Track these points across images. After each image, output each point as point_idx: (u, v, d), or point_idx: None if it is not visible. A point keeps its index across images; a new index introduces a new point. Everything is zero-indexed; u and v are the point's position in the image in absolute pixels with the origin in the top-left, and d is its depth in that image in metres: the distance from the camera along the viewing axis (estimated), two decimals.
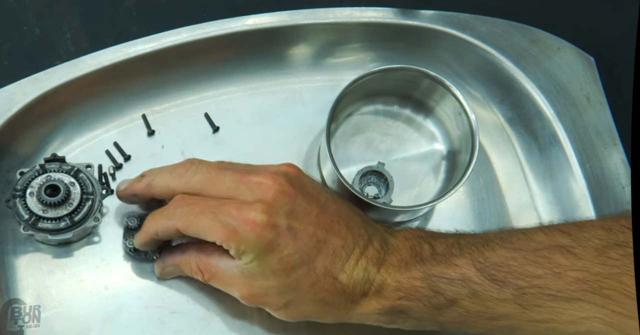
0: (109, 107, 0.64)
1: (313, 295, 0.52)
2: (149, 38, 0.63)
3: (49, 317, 0.59)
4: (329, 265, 0.52)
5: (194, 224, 0.52)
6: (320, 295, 0.52)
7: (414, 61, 0.63)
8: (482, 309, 0.51)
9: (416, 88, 0.64)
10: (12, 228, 0.60)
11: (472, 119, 0.60)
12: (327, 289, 0.52)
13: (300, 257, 0.51)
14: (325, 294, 0.52)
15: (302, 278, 0.52)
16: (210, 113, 0.66)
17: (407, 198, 0.65)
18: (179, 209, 0.53)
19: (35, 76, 0.60)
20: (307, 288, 0.52)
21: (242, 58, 0.66)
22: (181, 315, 0.60)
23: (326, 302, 0.53)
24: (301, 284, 0.52)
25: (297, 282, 0.52)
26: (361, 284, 0.52)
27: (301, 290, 0.52)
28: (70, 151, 0.63)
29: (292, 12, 0.65)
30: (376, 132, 0.66)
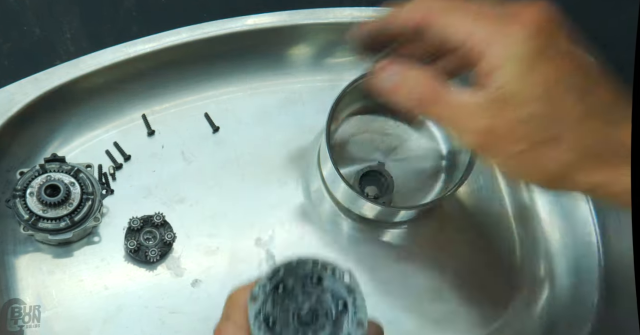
0: (109, 107, 0.64)
1: (580, 138, 0.40)
2: (149, 38, 0.63)
3: (49, 317, 0.59)
4: (601, 108, 0.41)
5: (451, 15, 0.42)
6: (587, 139, 0.40)
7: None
8: None
9: None
10: (12, 228, 0.60)
11: None
12: (599, 131, 0.40)
13: (574, 83, 0.41)
14: (595, 138, 0.40)
15: (572, 107, 0.40)
16: (210, 113, 0.66)
17: (407, 198, 0.65)
18: (440, 3, 0.44)
19: (35, 76, 0.60)
20: (574, 124, 0.40)
21: (242, 58, 0.66)
22: (181, 315, 0.60)
23: (591, 150, 0.40)
24: (570, 116, 0.40)
25: (566, 112, 0.40)
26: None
27: (567, 125, 0.40)
28: (70, 151, 0.63)
29: (292, 12, 0.65)
30: (376, 132, 0.66)
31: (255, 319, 0.41)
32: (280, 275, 0.42)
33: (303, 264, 0.42)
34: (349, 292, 0.41)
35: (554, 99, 0.40)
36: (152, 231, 0.61)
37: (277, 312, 0.42)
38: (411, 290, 0.63)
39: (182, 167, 0.64)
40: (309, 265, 0.42)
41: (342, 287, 0.42)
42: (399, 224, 0.64)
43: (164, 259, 0.61)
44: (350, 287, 0.41)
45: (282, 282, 0.42)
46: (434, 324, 0.62)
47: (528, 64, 0.40)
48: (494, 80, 0.41)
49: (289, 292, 0.42)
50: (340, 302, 0.42)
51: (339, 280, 0.42)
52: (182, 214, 0.62)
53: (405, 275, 0.63)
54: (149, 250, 0.60)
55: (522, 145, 0.41)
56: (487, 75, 0.41)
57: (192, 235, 0.62)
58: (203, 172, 0.64)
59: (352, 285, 0.41)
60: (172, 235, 0.61)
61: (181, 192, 0.63)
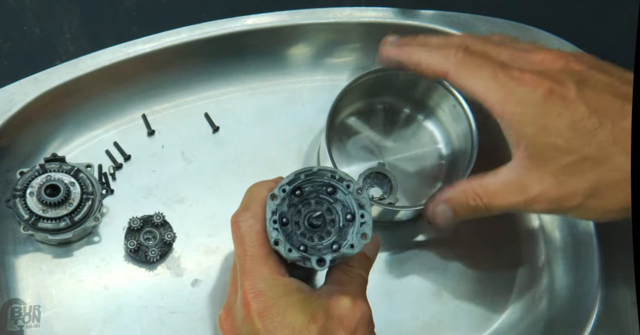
0: (109, 107, 0.64)
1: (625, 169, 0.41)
2: (149, 38, 0.63)
3: (49, 317, 0.59)
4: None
5: (469, 74, 0.45)
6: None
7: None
8: None
9: (416, 88, 0.64)
10: (12, 228, 0.60)
11: (472, 118, 0.60)
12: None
13: (600, 121, 0.41)
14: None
15: (606, 145, 0.41)
16: (210, 113, 0.66)
17: (407, 198, 0.65)
18: (460, 54, 0.47)
19: (35, 76, 0.60)
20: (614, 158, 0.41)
21: (242, 58, 0.66)
22: (181, 315, 0.60)
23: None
24: (606, 154, 0.41)
25: (601, 151, 0.41)
26: None
27: (609, 162, 0.41)
28: (70, 151, 0.63)
29: (292, 12, 0.65)
30: (376, 132, 0.66)
31: (271, 216, 0.45)
32: (300, 180, 0.46)
33: (322, 173, 0.46)
34: (359, 207, 0.45)
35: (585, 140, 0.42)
36: (152, 231, 0.61)
37: (291, 213, 0.46)
38: (411, 290, 0.63)
39: (182, 167, 0.64)
40: (327, 175, 0.46)
41: (353, 201, 0.45)
42: (398, 224, 0.64)
43: (164, 259, 0.61)
44: (361, 202, 0.45)
45: (300, 187, 0.46)
46: (434, 324, 0.62)
47: (543, 121, 0.42)
48: (522, 146, 0.43)
49: (305, 197, 0.46)
50: (350, 214, 0.46)
51: (352, 195, 0.46)
52: (182, 214, 0.62)
53: (405, 275, 0.63)
54: (149, 250, 0.60)
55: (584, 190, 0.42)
56: (516, 143, 0.43)
57: (192, 235, 0.62)
58: (203, 172, 0.64)
59: (363, 202, 0.45)
60: (172, 235, 0.61)
61: (181, 192, 0.63)
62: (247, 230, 0.46)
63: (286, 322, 0.44)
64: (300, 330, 0.43)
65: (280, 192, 0.45)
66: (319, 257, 0.45)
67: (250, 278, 0.45)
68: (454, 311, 0.63)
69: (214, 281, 0.61)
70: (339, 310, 0.45)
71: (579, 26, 0.71)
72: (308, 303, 0.45)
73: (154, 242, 0.61)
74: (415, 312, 0.63)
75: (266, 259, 0.45)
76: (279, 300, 0.44)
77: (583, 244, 0.63)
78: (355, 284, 0.47)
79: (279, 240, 0.45)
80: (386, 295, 0.63)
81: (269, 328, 0.44)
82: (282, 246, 0.44)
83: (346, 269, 0.48)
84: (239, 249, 0.46)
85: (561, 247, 0.64)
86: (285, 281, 0.45)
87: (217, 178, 0.64)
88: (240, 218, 0.46)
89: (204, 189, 0.64)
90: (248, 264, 0.45)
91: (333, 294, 0.46)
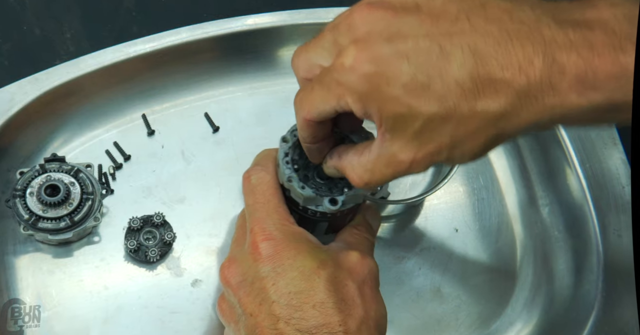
0: (109, 107, 0.64)
1: (473, 105, 0.37)
2: (149, 38, 0.63)
3: (49, 317, 0.59)
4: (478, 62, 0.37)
5: (313, 105, 0.43)
6: (484, 102, 0.37)
7: None
8: None
9: None
10: (12, 228, 0.60)
11: None
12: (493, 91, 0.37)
13: (426, 74, 0.38)
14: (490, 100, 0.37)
15: (444, 97, 0.38)
16: (210, 113, 0.66)
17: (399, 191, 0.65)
18: (298, 96, 0.45)
19: (35, 76, 0.60)
20: (458, 103, 0.38)
21: (242, 58, 0.66)
22: (181, 315, 0.60)
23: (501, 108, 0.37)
24: (447, 104, 0.38)
25: (443, 105, 0.38)
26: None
27: (456, 113, 0.38)
28: (70, 151, 0.63)
29: (292, 12, 0.65)
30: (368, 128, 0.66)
31: (284, 156, 0.46)
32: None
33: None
34: None
35: (419, 99, 0.39)
36: (152, 231, 0.61)
37: (301, 162, 0.47)
38: (411, 290, 0.63)
39: (182, 167, 0.64)
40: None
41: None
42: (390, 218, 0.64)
43: (164, 259, 0.61)
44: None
45: None
46: (434, 324, 0.62)
47: (369, 93, 0.40)
48: (371, 114, 0.40)
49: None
50: None
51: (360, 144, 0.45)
52: (182, 214, 0.62)
53: (404, 274, 0.63)
54: (149, 250, 0.60)
55: (446, 143, 0.39)
56: (363, 115, 0.41)
57: (192, 235, 0.62)
58: (203, 172, 0.64)
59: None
60: (172, 235, 0.61)
61: (181, 192, 0.63)
62: (258, 181, 0.47)
63: (296, 265, 0.44)
64: (310, 274, 0.44)
65: (292, 136, 0.46)
66: (331, 197, 0.45)
67: (261, 223, 0.45)
68: (454, 311, 0.63)
69: (214, 281, 0.61)
70: (347, 263, 0.46)
71: None
72: (317, 252, 0.45)
73: (154, 242, 0.61)
74: (415, 312, 0.63)
75: (277, 207, 0.46)
76: (289, 244, 0.45)
77: (583, 243, 0.63)
78: (362, 244, 0.49)
79: (292, 177, 0.45)
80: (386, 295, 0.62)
81: (279, 270, 0.44)
82: (296, 183, 0.45)
83: (354, 231, 0.49)
84: (250, 199, 0.47)
85: (561, 247, 0.64)
86: (295, 229, 0.46)
87: (217, 178, 0.64)
88: (252, 172, 0.47)
89: (204, 189, 0.64)
90: (258, 212, 0.46)
91: (342, 249, 0.47)
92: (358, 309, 0.45)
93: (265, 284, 0.44)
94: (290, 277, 0.44)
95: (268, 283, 0.44)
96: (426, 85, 0.38)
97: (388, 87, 0.39)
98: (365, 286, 0.46)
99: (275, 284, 0.44)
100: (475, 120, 0.39)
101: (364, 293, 0.46)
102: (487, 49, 0.37)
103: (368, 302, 0.45)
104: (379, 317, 0.47)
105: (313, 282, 0.44)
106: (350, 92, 0.40)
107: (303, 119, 0.44)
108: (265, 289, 0.44)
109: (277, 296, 0.44)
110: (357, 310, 0.45)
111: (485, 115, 0.38)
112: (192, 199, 0.63)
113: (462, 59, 0.38)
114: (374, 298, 0.46)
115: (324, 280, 0.44)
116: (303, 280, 0.44)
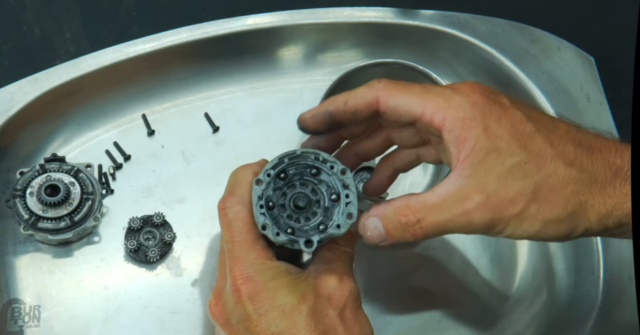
0: (109, 107, 0.64)
1: (562, 175, 0.42)
2: (149, 38, 0.63)
3: (49, 317, 0.59)
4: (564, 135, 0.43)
5: (399, 92, 0.45)
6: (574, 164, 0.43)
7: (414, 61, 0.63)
8: None
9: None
10: (12, 228, 0.60)
11: None
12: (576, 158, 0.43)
13: (536, 127, 0.43)
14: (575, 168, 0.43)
15: (544, 149, 0.43)
16: (210, 113, 0.66)
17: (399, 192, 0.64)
18: (384, 80, 0.46)
19: (35, 76, 0.60)
20: (552, 162, 0.42)
21: (242, 58, 0.66)
22: (181, 315, 0.60)
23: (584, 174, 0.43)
24: (544, 158, 0.42)
25: (540, 155, 0.42)
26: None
27: (547, 166, 0.43)
28: (70, 151, 0.63)
29: (292, 12, 0.65)
30: None
31: (258, 200, 0.46)
32: (284, 163, 0.46)
33: (305, 156, 0.47)
34: (343, 187, 0.46)
35: (525, 143, 0.43)
36: (152, 231, 0.61)
37: (276, 196, 0.47)
38: (411, 290, 0.63)
39: (182, 167, 0.64)
40: (311, 157, 0.47)
41: (337, 181, 0.46)
42: None
43: (164, 259, 0.61)
44: (345, 183, 0.46)
45: (284, 170, 0.47)
46: (434, 324, 0.62)
47: (485, 123, 0.43)
48: (463, 151, 0.43)
49: (289, 180, 0.47)
50: (334, 195, 0.46)
51: (335, 175, 0.46)
52: (182, 214, 0.62)
53: (404, 274, 0.63)
54: (149, 250, 0.60)
55: (525, 198, 0.42)
56: (454, 149, 0.43)
57: (192, 235, 0.62)
58: (203, 172, 0.64)
59: (347, 182, 0.46)
60: (172, 235, 0.61)
61: (181, 192, 0.63)
62: (234, 216, 0.47)
63: (277, 304, 0.45)
64: (291, 311, 0.45)
65: (265, 176, 0.46)
66: (307, 238, 0.45)
67: (239, 264, 0.46)
68: (454, 311, 0.63)
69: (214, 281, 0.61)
70: (327, 290, 0.46)
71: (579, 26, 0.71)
72: (296, 284, 0.46)
73: (154, 242, 0.61)
74: (415, 312, 0.63)
75: (254, 244, 0.46)
76: (268, 284, 0.45)
77: (583, 244, 0.63)
78: (341, 261, 0.48)
79: (267, 225, 0.45)
80: (386, 295, 0.63)
81: (260, 311, 0.45)
82: (270, 230, 0.45)
83: (333, 246, 0.49)
84: (226, 235, 0.47)
85: (561, 247, 0.64)
86: (273, 265, 0.46)
87: (217, 178, 0.64)
88: (227, 204, 0.47)
89: (204, 189, 0.64)
90: (236, 250, 0.46)
91: (321, 273, 0.47)
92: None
93: (249, 325, 0.45)
94: (272, 317, 0.45)
95: (251, 324, 0.45)
96: (532, 132, 0.43)
97: (499, 120, 0.43)
98: (346, 311, 0.46)
99: (258, 325, 0.45)
100: (562, 177, 0.42)
101: (346, 318, 0.46)
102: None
103: (350, 326, 0.46)
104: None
105: (295, 319, 0.44)
106: (454, 109, 0.43)
107: (372, 100, 0.46)
108: (250, 330, 0.45)
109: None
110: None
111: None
112: (192, 199, 0.63)
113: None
114: (356, 320, 0.47)
115: (305, 316, 0.45)
116: (285, 318, 0.45)
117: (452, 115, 0.43)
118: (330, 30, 0.66)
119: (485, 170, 0.42)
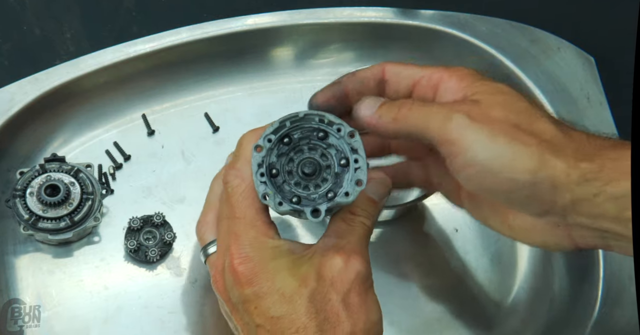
0: (109, 107, 0.64)
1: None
2: (149, 38, 0.63)
3: (49, 317, 0.59)
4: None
5: (400, 65, 0.48)
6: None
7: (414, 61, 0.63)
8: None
9: None
10: (12, 228, 0.60)
11: None
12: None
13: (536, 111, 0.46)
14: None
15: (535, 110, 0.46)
16: (210, 113, 0.66)
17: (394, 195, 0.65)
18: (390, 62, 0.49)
19: (35, 76, 0.60)
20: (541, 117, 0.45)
21: (242, 58, 0.66)
22: (181, 315, 0.60)
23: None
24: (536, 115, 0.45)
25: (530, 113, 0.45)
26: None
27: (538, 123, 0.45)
28: (70, 151, 0.63)
29: (292, 12, 0.65)
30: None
31: (257, 169, 0.42)
32: (286, 127, 0.43)
33: (309, 118, 0.43)
34: (352, 151, 0.42)
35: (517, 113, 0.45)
36: (152, 231, 0.61)
37: (281, 163, 0.43)
38: (411, 291, 0.63)
39: (182, 167, 0.64)
40: (315, 120, 0.43)
41: (346, 145, 0.43)
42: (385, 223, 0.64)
43: (164, 259, 0.61)
44: (354, 147, 0.42)
45: (288, 134, 0.43)
46: (434, 324, 0.62)
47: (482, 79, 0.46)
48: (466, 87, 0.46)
49: (295, 145, 0.43)
50: (344, 160, 0.43)
51: (344, 139, 0.43)
52: (182, 214, 0.62)
53: (404, 275, 0.63)
54: (149, 250, 0.60)
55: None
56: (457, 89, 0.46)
57: (192, 235, 0.62)
58: (203, 172, 0.64)
59: (356, 146, 0.42)
60: (172, 235, 0.61)
61: (181, 192, 0.63)
62: (233, 190, 0.44)
63: (276, 287, 0.42)
64: (291, 295, 0.42)
65: (266, 142, 0.42)
66: (314, 207, 0.42)
67: (237, 242, 0.43)
68: (454, 311, 0.63)
69: None
70: (331, 271, 0.43)
71: (579, 26, 0.71)
72: (299, 265, 0.43)
73: (154, 242, 0.61)
74: (415, 312, 0.63)
75: (254, 220, 0.44)
76: (267, 265, 0.43)
77: None
78: (354, 235, 0.45)
79: (267, 194, 0.42)
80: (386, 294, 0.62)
81: (259, 294, 0.42)
82: (271, 200, 0.42)
83: (348, 217, 0.45)
84: (225, 209, 0.45)
85: None
86: (274, 244, 0.44)
87: None
88: (228, 178, 0.45)
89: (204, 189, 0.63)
90: (235, 227, 0.44)
91: (327, 251, 0.44)
92: (343, 325, 0.43)
93: (248, 307, 0.43)
94: (272, 300, 0.42)
95: (250, 306, 0.43)
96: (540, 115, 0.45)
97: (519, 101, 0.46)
98: (351, 294, 0.43)
99: (257, 307, 0.43)
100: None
101: (350, 303, 0.43)
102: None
103: (355, 313, 0.43)
104: (371, 326, 0.44)
105: (295, 304, 0.42)
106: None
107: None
108: (249, 312, 0.43)
109: (260, 320, 0.43)
110: (342, 327, 0.43)
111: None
112: (192, 199, 0.63)
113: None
114: (363, 305, 0.44)
115: (306, 301, 0.42)
116: (284, 303, 0.42)
117: (450, 71, 0.47)
118: (330, 30, 0.66)
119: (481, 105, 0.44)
